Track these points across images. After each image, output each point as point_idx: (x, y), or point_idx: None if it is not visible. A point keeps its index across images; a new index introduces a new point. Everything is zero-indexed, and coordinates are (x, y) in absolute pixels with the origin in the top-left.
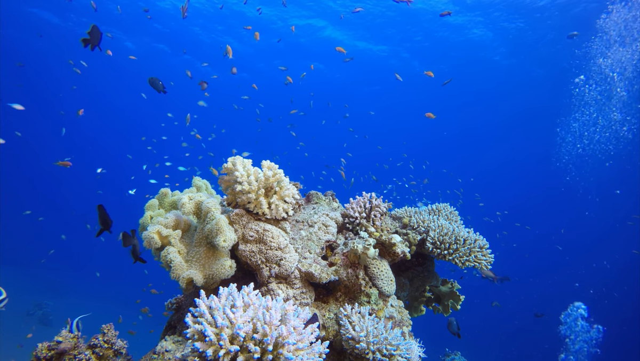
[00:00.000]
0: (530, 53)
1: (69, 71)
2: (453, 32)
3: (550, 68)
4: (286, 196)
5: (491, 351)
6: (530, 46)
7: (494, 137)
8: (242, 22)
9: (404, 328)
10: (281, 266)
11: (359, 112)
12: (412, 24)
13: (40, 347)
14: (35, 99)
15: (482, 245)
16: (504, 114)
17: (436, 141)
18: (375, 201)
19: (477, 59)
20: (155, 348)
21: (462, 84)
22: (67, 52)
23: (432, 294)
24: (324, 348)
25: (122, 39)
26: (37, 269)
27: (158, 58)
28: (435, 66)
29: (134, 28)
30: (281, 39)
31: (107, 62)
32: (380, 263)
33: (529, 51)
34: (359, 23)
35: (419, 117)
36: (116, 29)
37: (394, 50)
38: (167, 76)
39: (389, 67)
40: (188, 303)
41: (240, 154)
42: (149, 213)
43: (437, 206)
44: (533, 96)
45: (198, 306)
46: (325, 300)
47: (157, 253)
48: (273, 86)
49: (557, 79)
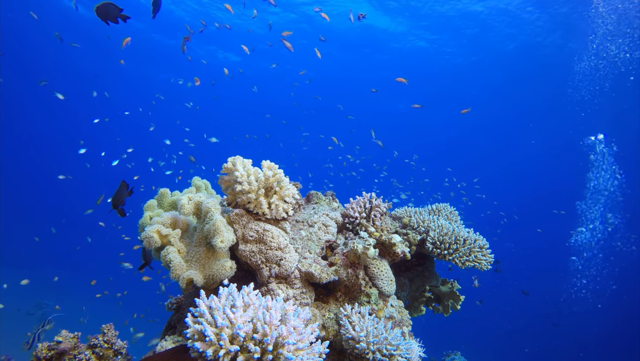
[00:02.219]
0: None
1: (69, 70)
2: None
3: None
4: (286, 196)
5: (491, 351)
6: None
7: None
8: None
9: (404, 328)
10: (281, 266)
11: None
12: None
13: (40, 347)
14: (34, 96)
15: (482, 245)
16: (519, 108)
17: (436, 142)
18: (375, 201)
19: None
20: (155, 348)
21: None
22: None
23: (432, 294)
24: (324, 348)
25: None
26: (37, 269)
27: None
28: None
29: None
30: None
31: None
32: (380, 263)
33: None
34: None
35: (414, 115)
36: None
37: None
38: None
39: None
40: (188, 303)
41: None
42: (148, 213)
43: (437, 206)
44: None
45: (198, 306)
46: (325, 300)
47: (156, 253)
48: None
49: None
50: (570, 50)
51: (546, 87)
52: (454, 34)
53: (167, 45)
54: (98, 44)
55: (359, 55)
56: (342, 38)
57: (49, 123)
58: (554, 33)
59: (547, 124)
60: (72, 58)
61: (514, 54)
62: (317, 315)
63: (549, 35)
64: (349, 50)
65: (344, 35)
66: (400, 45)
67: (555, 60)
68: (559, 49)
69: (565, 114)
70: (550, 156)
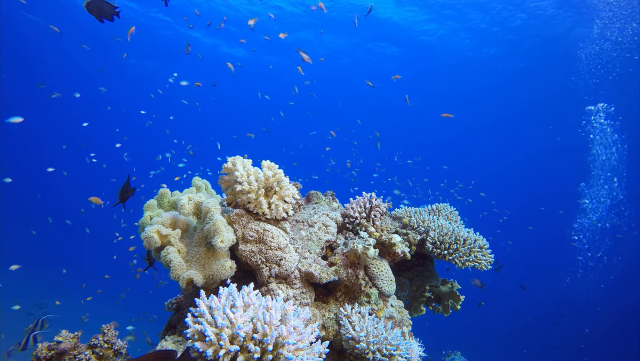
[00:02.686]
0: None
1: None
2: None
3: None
4: (286, 196)
5: (491, 351)
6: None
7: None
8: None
9: (404, 328)
10: (281, 266)
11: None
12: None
13: (40, 347)
14: (34, 96)
15: (482, 245)
16: (512, 111)
17: (433, 142)
18: (375, 201)
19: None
20: (155, 348)
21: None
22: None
23: (432, 294)
24: (324, 348)
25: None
26: (37, 269)
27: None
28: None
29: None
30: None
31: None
32: (380, 263)
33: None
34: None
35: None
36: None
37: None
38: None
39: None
40: (188, 303)
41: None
42: (148, 213)
43: (437, 206)
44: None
45: (198, 306)
46: (325, 300)
47: (156, 254)
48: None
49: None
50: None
51: (553, 77)
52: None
53: (170, 38)
54: (101, 41)
55: (364, 49)
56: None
57: (48, 123)
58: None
59: (551, 116)
60: (73, 56)
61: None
62: (317, 315)
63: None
64: (356, 42)
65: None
66: (407, 35)
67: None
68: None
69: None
70: (552, 152)
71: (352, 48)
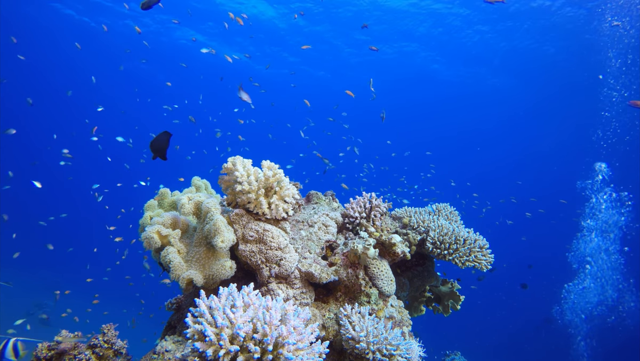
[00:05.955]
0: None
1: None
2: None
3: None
4: (286, 196)
5: (491, 351)
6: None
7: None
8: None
9: (404, 328)
10: (281, 266)
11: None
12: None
13: (40, 347)
14: (35, 95)
15: (482, 245)
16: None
17: (432, 142)
18: (375, 201)
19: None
20: (155, 348)
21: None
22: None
23: (432, 294)
24: (324, 348)
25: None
26: (37, 269)
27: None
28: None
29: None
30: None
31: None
32: (380, 263)
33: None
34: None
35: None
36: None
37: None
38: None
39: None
40: (188, 303)
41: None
42: (148, 213)
43: (437, 206)
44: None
45: (198, 306)
46: (325, 300)
47: (156, 254)
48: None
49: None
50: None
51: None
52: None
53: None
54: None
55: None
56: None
57: (48, 123)
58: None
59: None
60: (74, 55)
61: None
62: (317, 315)
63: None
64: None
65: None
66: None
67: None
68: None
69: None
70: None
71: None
